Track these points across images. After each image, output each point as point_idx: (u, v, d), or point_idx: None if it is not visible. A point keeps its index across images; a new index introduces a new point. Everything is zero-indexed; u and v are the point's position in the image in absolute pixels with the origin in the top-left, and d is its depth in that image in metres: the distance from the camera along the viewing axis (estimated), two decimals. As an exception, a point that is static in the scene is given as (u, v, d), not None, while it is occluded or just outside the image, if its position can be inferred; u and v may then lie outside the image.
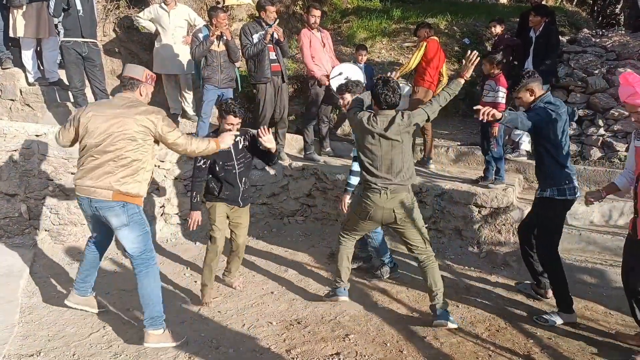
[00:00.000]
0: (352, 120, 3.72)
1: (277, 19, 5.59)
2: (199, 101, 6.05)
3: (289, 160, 5.81)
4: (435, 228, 5.14)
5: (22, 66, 6.07)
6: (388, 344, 3.45)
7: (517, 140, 6.06)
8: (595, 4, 13.00)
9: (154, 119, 3.27)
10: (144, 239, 3.37)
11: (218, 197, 3.91)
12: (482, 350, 3.39)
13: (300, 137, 6.19)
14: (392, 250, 4.61)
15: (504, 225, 4.87)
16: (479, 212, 4.96)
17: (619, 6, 12.76)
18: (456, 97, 3.83)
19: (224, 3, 7.83)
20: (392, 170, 3.52)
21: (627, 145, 5.40)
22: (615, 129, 5.85)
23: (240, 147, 3.92)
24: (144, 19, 6.42)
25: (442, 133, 6.84)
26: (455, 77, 3.80)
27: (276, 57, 5.69)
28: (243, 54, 5.68)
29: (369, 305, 3.99)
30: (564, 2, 11.74)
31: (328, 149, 6.24)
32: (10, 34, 5.88)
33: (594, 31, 7.39)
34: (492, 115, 3.39)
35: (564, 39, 6.96)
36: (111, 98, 3.53)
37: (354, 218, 3.80)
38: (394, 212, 3.56)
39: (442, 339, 3.49)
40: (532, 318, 3.79)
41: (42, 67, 6.22)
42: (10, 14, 5.80)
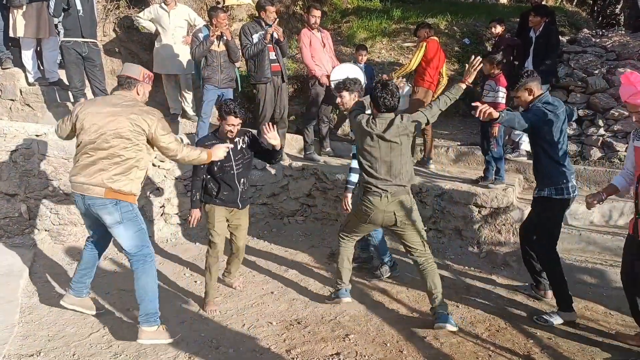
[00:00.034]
0: (352, 123, 3.75)
1: (276, 19, 5.59)
2: (199, 101, 6.05)
3: (289, 160, 5.81)
4: (435, 228, 5.14)
5: (22, 66, 6.07)
6: (388, 344, 3.45)
7: (517, 140, 6.06)
8: (595, 4, 13.00)
9: (149, 120, 3.26)
10: (139, 236, 3.37)
11: (217, 197, 3.86)
12: (482, 351, 3.39)
13: (300, 137, 6.19)
14: (392, 250, 4.61)
15: (504, 225, 4.87)
16: (479, 212, 4.96)
17: (619, 6, 12.76)
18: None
19: (224, 3, 7.84)
20: (391, 173, 3.52)
21: (627, 145, 5.38)
22: (615, 129, 5.85)
23: (239, 148, 3.87)
24: (144, 19, 6.42)
25: (442, 133, 6.84)
26: (457, 81, 3.81)
27: (276, 57, 5.69)
28: (243, 54, 5.68)
29: (369, 305, 3.99)
30: (564, 2, 11.74)
31: (328, 149, 6.23)
32: (10, 34, 5.88)
33: (594, 31, 7.39)
34: (489, 114, 3.40)
35: (564, 39, 6.96)
36: (109, 96, 3.52)
37: (354, 220, 3.80)
38: (395, 214, 3.56)
39: (442, 339, 3.49)
40: (532, 318, 3.79)
41: (42, 67, 6.22)
42: (10, 14, 5.80)
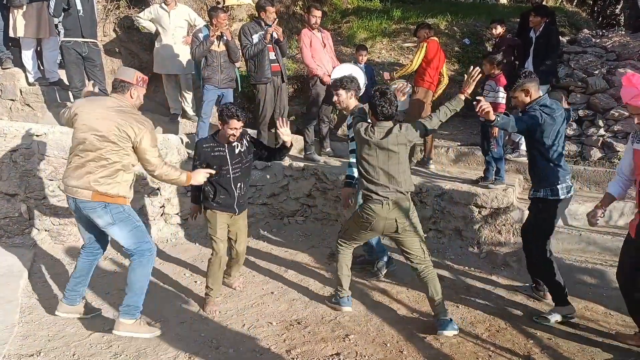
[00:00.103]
0: (353, 129, 3.74)
1: (276, 19, 5.59)
2: (199, 101, 6.05)
3: (289, 161, 5.81)
4: (435, 228, 5.14)
5: (22, 66, 6.08)
6: (388, 344, 3.45)
7: (517, 140, 6.06)
8: (595, 4, 12.99)
9: (136, 129, 3.23)
10: (135, 234, 3.37)
11: (213, 201, 3.80)
12: (482, 351, 3.39)
13: (300, 137, 6.18)
14: (392, 250, 4.61)
15: (504, 225, 4.87)
16: (479, 212, 4.96)
17: (619, 6, 12.75)
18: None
19: (224, 3, 7.84)
20: (390, 180, 3.52)
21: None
22: (615, 130, 5.85)
23: (236, 151, 3.79)
24: (144, 19, 6.42)
25: (442, 133, 6.84)
26: (457, 81, 3.81)
27: (276, 57, 5.70)
28: (243, 54, 5.68)
29: (369, 306, 3.99)
30: (564, 3, 11.72)
31: (328, 149, 6.24)
32: (11, 34, 5.89)
33: (594, 31, 7.39)
34: (486, 113, 3.41)
35: (564, 40, 6.97)
36: (106, 97, 3.52)
37: (353, 227, 3.77)
38: (397, 221, 3.54)
39: (442, 339, 3.49)
40: (532, 318, 3.79)
41: (42, 67, 6.22)
42: (10, 14, 5.81)
